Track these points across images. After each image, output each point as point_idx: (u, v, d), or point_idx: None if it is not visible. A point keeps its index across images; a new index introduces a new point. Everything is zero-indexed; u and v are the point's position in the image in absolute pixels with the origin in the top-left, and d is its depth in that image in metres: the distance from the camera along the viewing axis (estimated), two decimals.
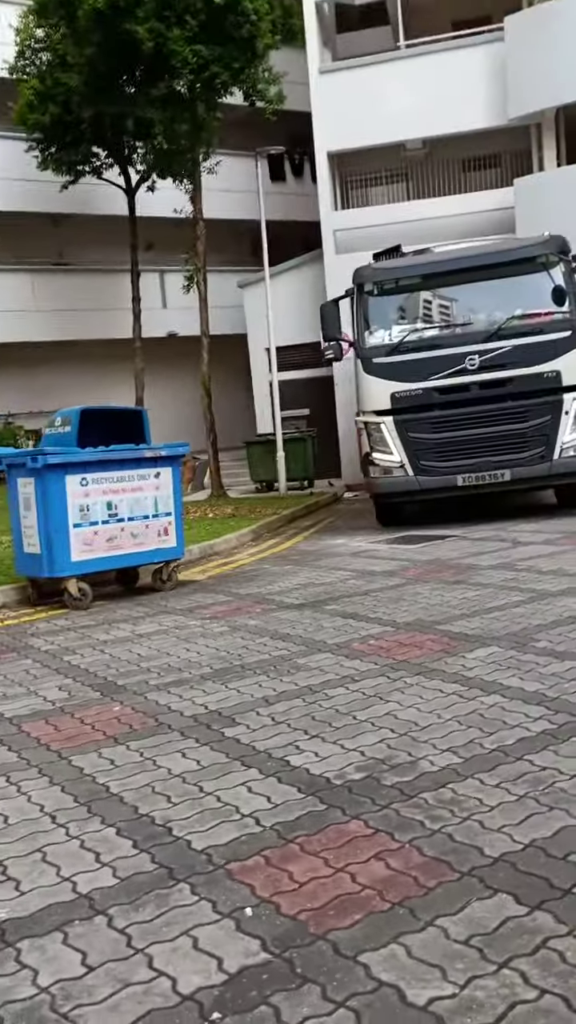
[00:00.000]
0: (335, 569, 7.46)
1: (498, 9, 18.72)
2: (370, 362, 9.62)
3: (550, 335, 9.26)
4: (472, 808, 2.64)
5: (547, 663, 4.04)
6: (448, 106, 17.78)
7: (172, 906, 2.26)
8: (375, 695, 3.79)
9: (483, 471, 9.26)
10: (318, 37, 17.91)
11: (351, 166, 19.57)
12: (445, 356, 9.30)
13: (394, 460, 9.39)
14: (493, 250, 10.30)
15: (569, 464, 9.23)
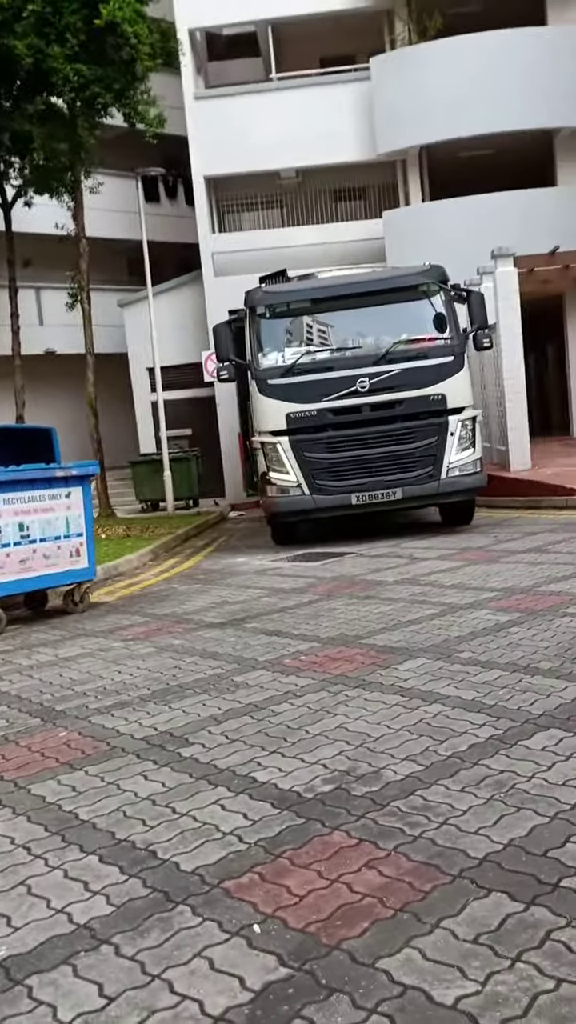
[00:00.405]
0: (245, 587, 7.48)
1: (362, 50, 19.55)
2: (265, 383, 9.73)
3: (434, 360, 9.64)
4: (445, 813, 2.73)
5: (476, 672, 4.21)
6: (320, 138, 18.38)
7: (177, 929, 2.22)
8: (321, 709, 3.85)
9: (376, 490, 9.50)
10: (193, 63, 18.09)
11: (227, 191, 19.84)
12: (337, 378, 9.51)
13: (290, 480, 9.53)
14: (379, 277, 10.66)
15: (455, 483, 9.61)
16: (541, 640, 4.66)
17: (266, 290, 10.44)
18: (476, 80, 17.43)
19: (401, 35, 18.39)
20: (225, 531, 13.15)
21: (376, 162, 18.73)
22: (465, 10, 18.52)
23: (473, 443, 9.73)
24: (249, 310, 10.12)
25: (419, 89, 17.75)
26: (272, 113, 18.56)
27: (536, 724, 3.40)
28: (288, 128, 18.35)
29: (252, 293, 10.36)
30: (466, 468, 9.64)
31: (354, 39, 19.60)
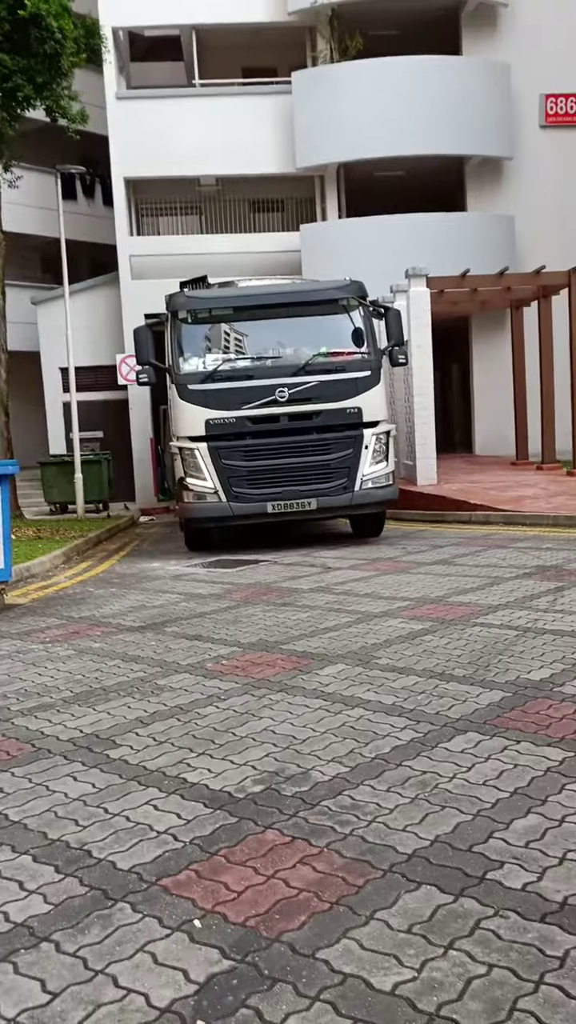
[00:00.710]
0: (161, 592, 7.45)
1: (284, 63, 19.85)
2: (185, 388, 9.71)
3: (352, 373, 9.82)
4: (373, 812, 2.82)
5: (395, 678, 4.34)
6: (240, 148, 18.53)
7: (118, 925, 2.24)
8: (247, 712, 3.90)
9: (292, 499, 9.59)
10: (115, 63, 17.95)
11: (147, 193, 19.73)
12: (257, 387, 9.58)
13: (207, 486, 9.54)
14: (300, 289, 10.83)
15: (368, 495, 9.80)
16: (454, 648, 4.83)
17: (189, 295, 10.45)
18: (393, 103, 17.92)
19: (323, 52, 18.73)
20: (136, 535, 13.04)
21: (295, 176, 18.99)
22: (385, 33, 19.03)
23: (387, 457, 9.93)
24: (171, 314, 10.09)
25: (338, 107, 18.12)
26: (194, 119, 18.59)
27: (455, 728, 3.54)
28: (209, 135, 18.43)
29: (174, 297, 10.34)
30: (379, 481, 9.83)
31: (277, 52, 19.86)
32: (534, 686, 4.02)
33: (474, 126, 18.52)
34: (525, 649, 4.71)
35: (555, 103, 19.50)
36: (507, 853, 2.49)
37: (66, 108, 13.46)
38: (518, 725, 3.51)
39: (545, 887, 2.30)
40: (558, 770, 3.04)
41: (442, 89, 18.26)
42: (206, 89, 19.24)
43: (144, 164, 18.61)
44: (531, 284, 15.02)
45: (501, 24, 19.14)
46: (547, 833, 2.59)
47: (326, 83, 18.26)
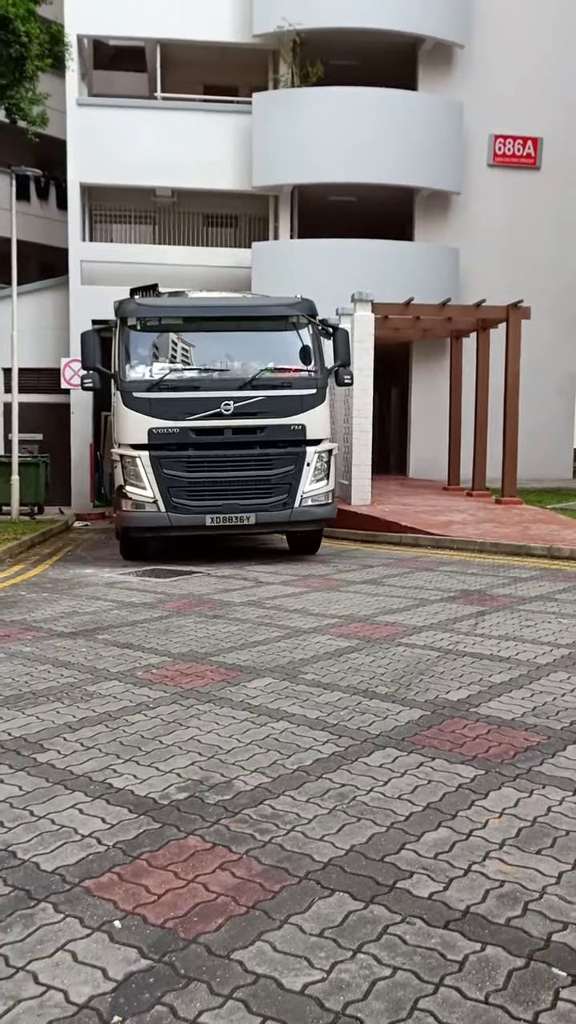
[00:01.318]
0: (94, 599, 7.46)
1: (246, 83, 20.11)
2: (130, 396, 9.63)
3: (298, 390, 9.86)
4: (293, 821, 2.93)
5: (319, 693, 4.47)
6: (198, 162, 18.68)
7: (39, 925, 2.30)
8: (174, 721, 3.98)
9: (231, 513, 9.58)
10: (78, 69, 17.94)
11: (101, 200, 19.70)
12: (203, 399, 9.55)
13: (147, 495, 9.46)
14: (251, 304, 10.88)
15: (307, 512, 9.84)
16: (378, 667, 4.99)
17: (139, 302, 10.35)
18: (350, 131, 18.30)
19: (284, 77, 19.02)
20: (71, 541, 12.95)
21: (250, 193, 19.20)
22: (345, 63, 19.43)
23: (327, 475, 10.01)
24: (119, 320, 10.01)
25: (296, 130, 18.43)
26: (154, 131, 18.67)
27: (374, 743, 3.68)
28: (168, 147, 18.52)
29: (124, 304, 10.25)
30: (318, 499, 9.90)
31: (239, 72, 20.09)
32: (452, 706, 4.20)
33: (425, 160, 19.02)
34: (445, 670, 4.89)
35: (503, 143, 20.17)
36: (417, 864, 2.63)
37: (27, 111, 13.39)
38: (434, 743, 3.67)
39: (450, 896, 2.44)
40: (469, 787, 3.20)
41: (397, 121, 18.73)
42: (167, 102, 19.34)
43: (101, 171, 18.60)
44: (472, 316, 15.47)
45: (456, 64, 19.74)
46: (455, 846, 2.74)
47: (286, 106, 18.55)
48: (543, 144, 20.26)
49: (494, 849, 2.72)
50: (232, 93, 20.26)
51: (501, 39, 19.76)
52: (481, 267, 19.62)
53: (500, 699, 4.31)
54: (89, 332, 10.05)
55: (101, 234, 19.96)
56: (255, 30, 18.53)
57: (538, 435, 19.38)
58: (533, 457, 18.76)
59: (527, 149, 20.26)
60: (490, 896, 2.44)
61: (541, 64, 20.02)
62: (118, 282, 16.07)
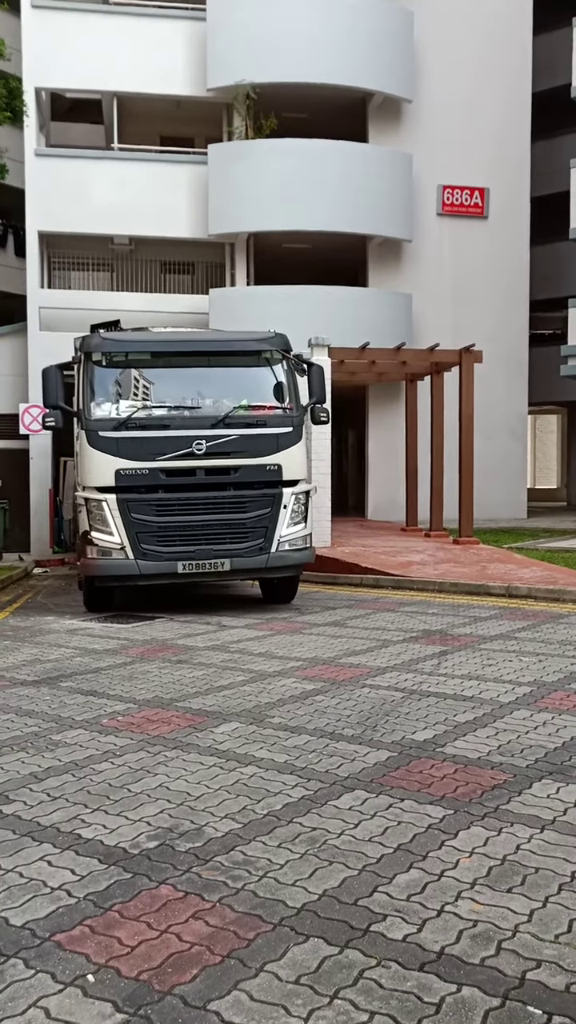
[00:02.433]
0: (56, 646, 7.37)
1: (201, 134, 20.55)
2: (96, 435, 9.05)
3: (273, 429, 9.42)
4: (264, 867, 2.93)
5: (287, 737, 4.47)
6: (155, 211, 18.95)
7: (10, 981, 2.26)
8: (141, 768, 3.94)
9: (204, 559, 9.04)
10: (36, 120, 18.16)
11: (59, 248, 19.83)
12: (173, 437, 9.07)
13: (114, 541, 8.88)
14: (222, 338, 10.42)
15: (284, 558, 9.31)
16: (344, 709, 5.01)
17: (104, 336, 9.87)
18: (302, 180, 18.74)
19: (238, 128, 19.46)
20: (31, 587, 12.79)
21: (207, 241, 19.49)
22: (297, 116, 19.97)
23: (305, 518, 9.55)
24: (84, 355, 9.47)
25: (251, 180, 18.81)
26: (111, 180, 18.92)
27: (343, 786, 3.69)
28: (125, 197, 18.77)
29: (88, 339, 9.75)
30: (296, 543, 9.42)
31: (194, 124, 20.52)
32: (418, 746, 4.23)
33: (377, 208, 19.53)
34: (411, 710, 4.93)
35: (451, 193, 20.82)
36: (390, 906, 2.64)
37: None
38: (403, 784, 3.70)
39: (424, 938, 2.45)
40: (438, 827, 3.22)
41: (348, 172, 19.23)
42: (124, 153, 19.64)
43: (59, 220, 18.74)
44: (425, 360, 15.79)
45: (405, 117, 20.40)
46: (427, 887, 2.76)
47: (240, 157, 18.96)
48: (490, 194, 20.95)
49: (466, 889, 2.74)
50: (188, 144, 20.66)
51: (447, 94, 20.50)
52: (433, 312, 20.09)
53: (465, 738, 4.35)
54: (51, 368, 9.52)
55: (60, 281, 20.07)
56: (209, 84, 18.97)
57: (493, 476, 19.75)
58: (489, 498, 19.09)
59: (475, 199, 20.93)
60: (464, 936, 2.46)
61: (487, 117, 20.79)
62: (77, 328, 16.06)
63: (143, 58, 18.97)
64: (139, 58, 18.96)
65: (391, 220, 19.76)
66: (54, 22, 18.80)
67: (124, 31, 19.05)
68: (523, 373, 21.44)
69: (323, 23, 18.91)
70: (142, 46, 19.01)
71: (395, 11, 19.72)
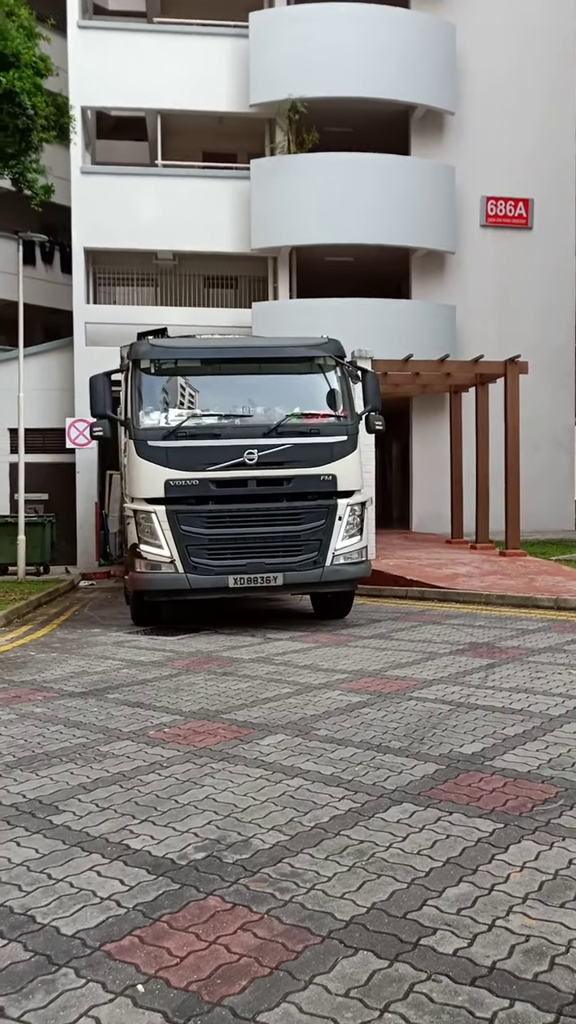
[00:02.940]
0: (103, 658, 7.45)
1: (243, 150, 20.76)
2: (144, 445, 8.76)
3: (327, 438, 9.09)
4: (312, 879, 2.91)
5: (333, 749, 4.45)
6: (198, 227, 19.17)
7: (62, 991, 2.28)
8: (188, 780, 3.96)
9: (256, 573, 8.69)
10: (82, 138, 18.53)
11: (105, 264, 20.16)
12: (224, 447, 8.77)
13: (164, 555, 8.56)
14: (274, 344, 10.12)
15: (339, 572, 8.94)
16: (391, 721, 4.97)
17: (153, 343, 9.46)
18: (345, 194, 18.80)
19: (280, 144, 19.61)
20: (77, 600, 12.94)
21: (249, 255, 19.63)
22: (339, 130, 20.06)
23: (361, 530, 9.17)
24: (132, 363, 9.19)
25: (293, 194, 18.94)
26: (155, 196, 19.20)
27: (391, 798, 3.66)
28: (169, 213, 19.03)
29: (137, 346, 9.43)
30: (351, 556, 9.03)
31: (237, 139, 20.73)
32: (466, 759, 4.18)
33: (419, 221, 19.50)
34: (458, 723, 4.87)
35: (494, 205, 20.70)
36: (440, 920, 2.61)
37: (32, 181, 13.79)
38: (451, 797, 3.66)
39: (475, 952, 2.42)
40: (488, 840, 3.18)
41: (391, 185, 19.25)
42: (168, 169, 19.93)
43: (104, 236, 19.07)
44: (470, 371, 15.69)
45: (447, 129, 20.37)
46: (478, 901, 2.72)
47: (283, 172, 19.10)
48: (533, 205, 20.79)
49: (517, 903, 2.70)
50: (230, 160, 20.88)
51: (490, 105, 20.43)
52: (477, 323, 19.96)
53: (515, 751, 4.29)
54: (98, 376, 9.26)
55: (104, 296, 20.38)
56: (252, 99, 19.16)
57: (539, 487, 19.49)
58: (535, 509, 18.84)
59: (519, 210, 20.78)
60: (516, 951, 2.42)
61: (530, 128, 20.66)
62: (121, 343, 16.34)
63: (186, 75, 19.25)
64: (182, 75, 19.25)
65: (434, 232, 19.71)
66: (99, 41, 19.19)
67: (167, 49, 19.36)
68: (569, 384, 21.17)
69: (364, 37, 19.00)
70: (185, 63, 19.29)
71: (437, 24, 19.74)
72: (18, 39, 11.81)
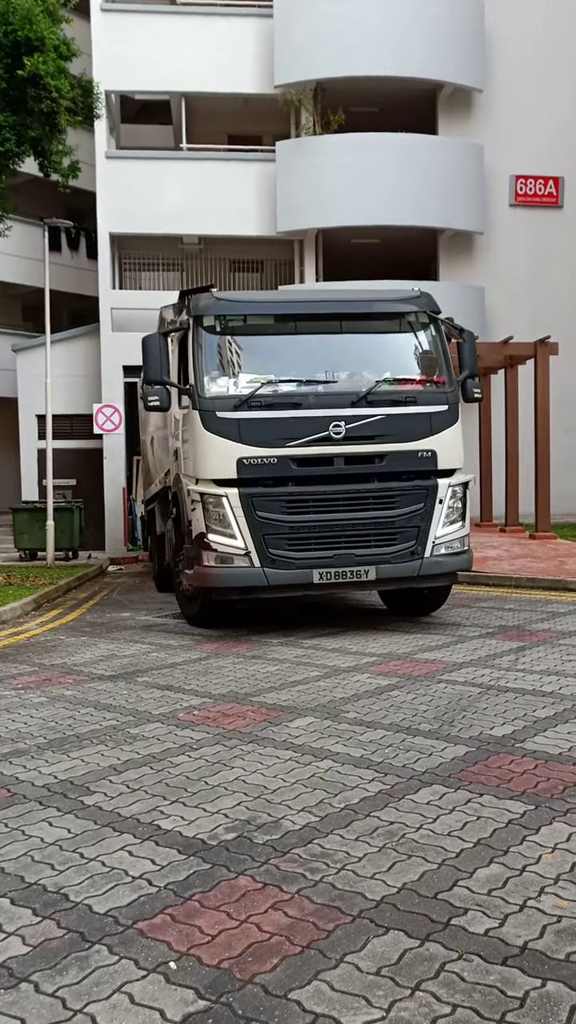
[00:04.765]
0: (132, 642, 7.51)
1: (269, 132, 20.59)
2: (213, 416, 7.48)
3: (426, 407, 7.79)
4: (343, 860, 2.92)
5: (362, 732, 4.44)
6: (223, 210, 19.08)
7: (95, 967, 2.30)
8: (218, 762, 3.98)
9: (345, 566, 7.46)
10: (106, 123, 18.51)
11: (130, 249, 20.17)
12: (306, 418, 7.51)
13: (237, 546, 7.32)
14: (359, 297, 8.81)
15: (440, 564, 7.73)
16: (420, 704, 4.96)
17: (219, 296, 8.11)
18: (372, 175, 18.62)
19: (306, 125, 19.45)
20: (106, 584, 13.05)
21: (275, 239, 19.53)
22: (365, 110, 19.84)
23: (463, 514, 7.98)
24: (193, 320, 7.84)
25: (319, 176, 18.78)
26: (180, 181, 19.15)
27: (420, 780, 3.65)
28: (194, 196, 18.97)
29: (199, 299, 8.03)
30: (452, 546, 7.82)
31: (262, 122, 20.57)
32: (496, 741, 4.16)
33: (447, 201, 19.27)
34: (488, 706, 4.85)
35: (524, 184, 20.37)
36: (470, 900, 2.60)
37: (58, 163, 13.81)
38: (481, 779, 3.64)
39: (506, 932, 2.41)
40: (519, 822, 3.16)
41: (418, 165, 19.02)
42: (193, 153, 19.86)
43: (130, 221, 19.06)
44: (499, 353, 15.51)
45: (475, 107, 20.06)
46: (508, 882, 2.71)
47: (308, 154, 18.94)
48: (564, 183, 20.43)
49: (549, 884, 2.68)
50: (256, 142, 20.75)
51: (519, 82, 20.06)
52: (506, 305, 19.69)
53: (545, 734, 4.26)
54: (154, 336, 7.93)
55: (130, 282, 20.41)
56: (277, 80, 19.00)
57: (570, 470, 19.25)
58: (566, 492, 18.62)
59: (548, 188, 20.43)
60: (548, 932, 2.41)
61: (560, 105, 20.27)
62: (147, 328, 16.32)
63: (210, 57, 19.12)
64: (206, 57, 19.12)
65: (462, 212, 19.46)
66: (122, 25, 19.11)
67: (191, 31, 19.23)
68: None
69: (391, 15, 18.73)
70: (209, 45, 19.15)
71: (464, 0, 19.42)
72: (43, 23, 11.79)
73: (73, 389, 18.94)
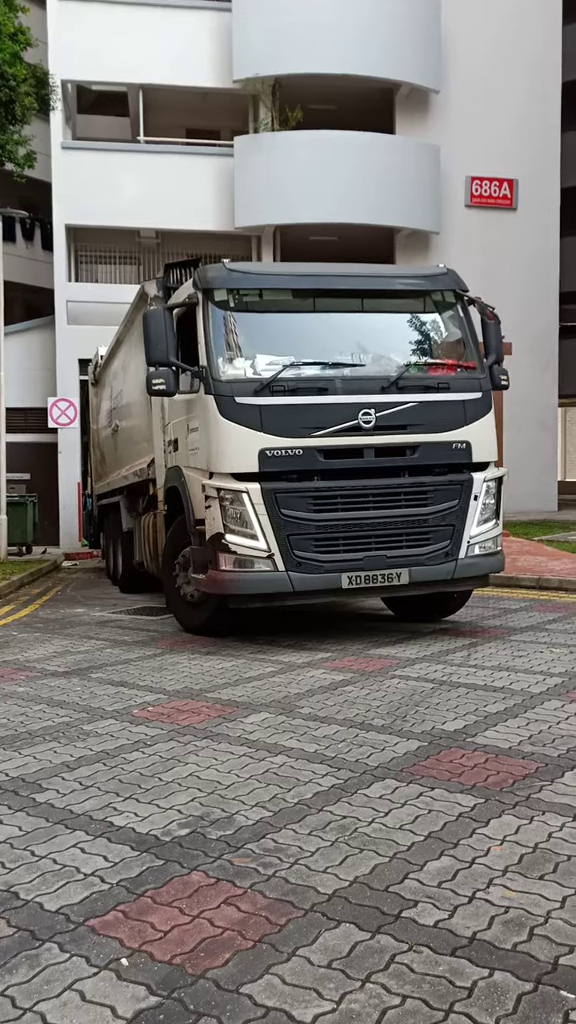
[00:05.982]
0: (86, 638, 7.44)
1: (227, 127, 20.53)
2: (232, 402, 6.70)
3: (459, 394, 7.18)
4: (295, 854, 2.93)
5: (316, 727, 4.47)
6: (181, 204, 18.99)
7: (45, 965, 2.29)
8: (172, 758, 3.97)
9: (376, 569, 6.80)
10: (62, 113, 18.27)
11: (86, 241, 19.95)
12: (333, 405, 6.82)
13: (259, 547, 6.60)
14: (384, 274, 8.11)
15: (475, 565, 7.14)
16: (373, 699, 5.00)
17: (231, 267, 7.34)
18: (329, 173, 18.67)
19: (264, 121, 19.43)
20: (60, 580, 12.92)
21: (233, 234, 19.49)
22: (323, 107, 19.88)
23: (497, 512, 7.39)
24: (203, 293, 7.05)
25: (277, 172, 18.79)
26: (137, 173, 18.99)
27: (373, 775, 3.69)
28: (151, 190, 18.83)
29: (209, 271, 7.26)
30: (487, 546, 7.25)
31: (220, 116, 20.51)
32: (448, 736, 4.21)
33: (404, 200, 19.42)
34: (440, 701, 4.91)
35: (479, 185, 20.63)
36: (421, 893, 2.63)
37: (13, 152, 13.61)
38: (433, 773, 3.69)
39: (456, 924, 2.45)
40: (469, 815, 3.21)
41: (375, 164, 19.13)
42: (150, 145, 19.70)
43: (86, 213, 18.85)
44: None
45: (432, 108, 20.23)
46: (458, 874, 2.75)
47: (266, 150, 18.93)
48: (519, 185, 20.73)
49: (497, 876, 2.73)
50: (214, 136, 20.67)
51: (474, 84, 20.29)
52: None
53: (496, 728, 4.33)
54: (158, 311, 7.14)
55: (86, 275, 20.18)
56: (235, 75, 18.94)
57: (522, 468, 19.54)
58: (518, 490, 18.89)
59: (503, 190, 20.72)
60: (496, 922, 2.45)
61: (515, 108, 20.56)
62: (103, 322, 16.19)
63: (168, 50, 18.98)
64: (164, 50, 18.97)
65: (418, 212, 19.63)
66: (79, 14, 18.86)
67: (149, 23, 19.06)
68: (553, 365, 21.23)
69: (349, 13, 18.78)
70: (167, 38, 19.01)
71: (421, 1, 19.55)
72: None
73: (28, 382, 18.69)
